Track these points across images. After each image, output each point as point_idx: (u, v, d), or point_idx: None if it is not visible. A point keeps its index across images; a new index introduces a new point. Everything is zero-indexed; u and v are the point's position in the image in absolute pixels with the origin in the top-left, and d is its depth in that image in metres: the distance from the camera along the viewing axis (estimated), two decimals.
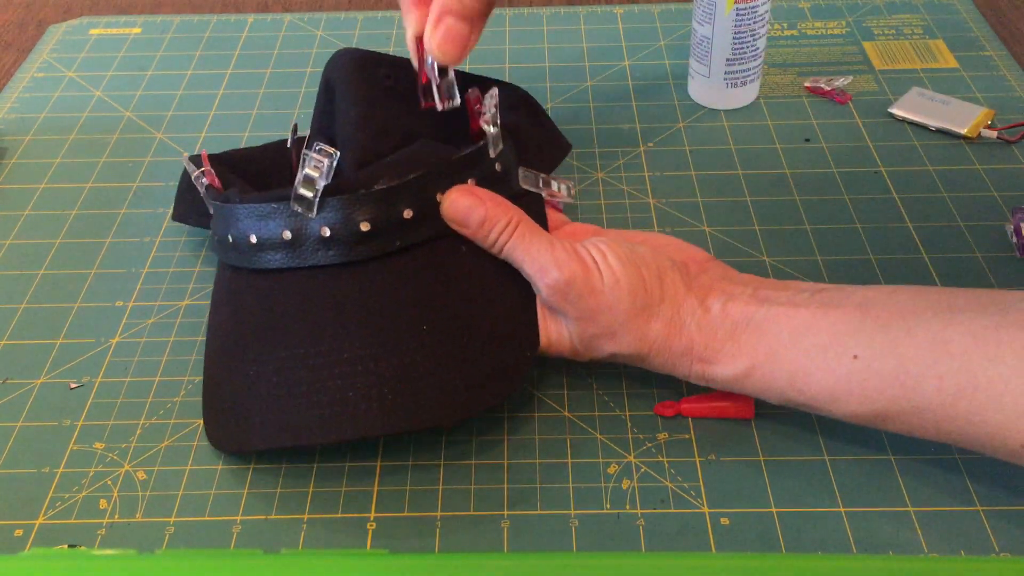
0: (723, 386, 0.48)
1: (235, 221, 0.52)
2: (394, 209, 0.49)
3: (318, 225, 0.49)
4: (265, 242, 0.51)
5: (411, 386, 0.46)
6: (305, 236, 0.50)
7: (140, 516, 0.47)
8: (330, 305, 0.49)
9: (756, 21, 0.68)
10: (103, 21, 0.86)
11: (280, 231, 0.50)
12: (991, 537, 0.44)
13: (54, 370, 0.54)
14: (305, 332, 0.49)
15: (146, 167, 0.69)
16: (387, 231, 0.49)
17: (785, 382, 0.45)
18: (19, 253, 0.62)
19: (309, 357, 0.48)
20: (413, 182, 0.49)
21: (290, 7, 0.88)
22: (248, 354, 0.49)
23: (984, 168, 0.65)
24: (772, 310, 0.46)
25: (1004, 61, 0.75)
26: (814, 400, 0.45)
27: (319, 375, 0.47)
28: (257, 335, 0.50)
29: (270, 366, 0.48)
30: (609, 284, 0.47)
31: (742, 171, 0.66)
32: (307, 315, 0.49)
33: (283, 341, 0.49)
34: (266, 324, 0.50)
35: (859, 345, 0.43)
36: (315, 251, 0.50)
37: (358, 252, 0.49)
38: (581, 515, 0.46)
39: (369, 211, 0.49)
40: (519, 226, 0.49)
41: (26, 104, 0.76)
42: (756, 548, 0.44)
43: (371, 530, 0.46)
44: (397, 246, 0.50)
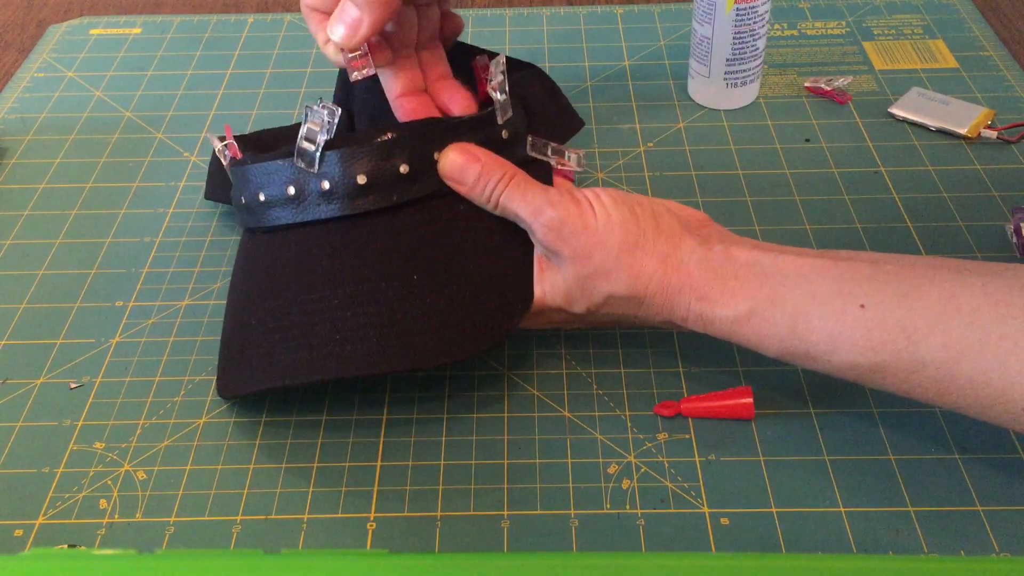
0: (722, 330, 0.47)
1: (247, 182, 0.54)
2: (390, 163, 0.51)
3: (319, 179, 0.51)
4: (272, 199, 0.53)
5: (396, 330, 0.48)
6: (307, 191, 0.52)
7: (140, 516, 0.47)
8: (326, 255, 0.51)
9: (756, 21, 0.68)
10: (103, 21, 0.86)
11: (285, 187, 0.52)
12: (991, 537, 0.44)
13: (54, 370, 0.54)
14: (302, 281, 0.51)
15: (146, 167, 0.69)
16: (384, 185, 0.51)
17: (786, 327, 0.45)
18: (19, 253, 0.62)
19: (304, 303, 0.50)
20: (410, 137, 0.51)
21: (290, 7, 0.88)
22: (250, 305, 0.52)
23: (984, 168, 0.65)
24: (778, 257, 0.46)
25: (1004, 61, 0.75)
26: (814, 347, 0.44)
27: (310, 319, 0.49)
28: (260, 287, 0.52)
29: (268, 314, 0.51)
30: (602, 220, 0.48)
31: (742, 171, 0.66)
32: (304, 265, 0.51)
33: (281, 290, 0.51)
34: (268, 276, 0.52)
35: (867, 295, 0.43)
36: (316, 205, 0.52)
37: (356, 206, 0.51)
38: (581, 515, 0.46)
39: (366, 164, 0.51)
40: (514, 177, 0.50)
41: (26, 104, 0.76)
42: (756, 548, 0.44)
43: (371, 530, 0.46)
44: (395, 200, 0.51)
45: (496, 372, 0.53)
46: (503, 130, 0.53)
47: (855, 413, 0.50)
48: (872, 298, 0.43)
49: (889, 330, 0.42)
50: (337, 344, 0.48)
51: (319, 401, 0.52)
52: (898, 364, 0.42)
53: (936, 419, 0.50)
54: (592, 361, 0.53)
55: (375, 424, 0.51)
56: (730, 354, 0.53)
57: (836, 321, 0.43)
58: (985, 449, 0.48)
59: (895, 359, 0.42)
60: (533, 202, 0.49)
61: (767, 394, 0.51)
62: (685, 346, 0.54)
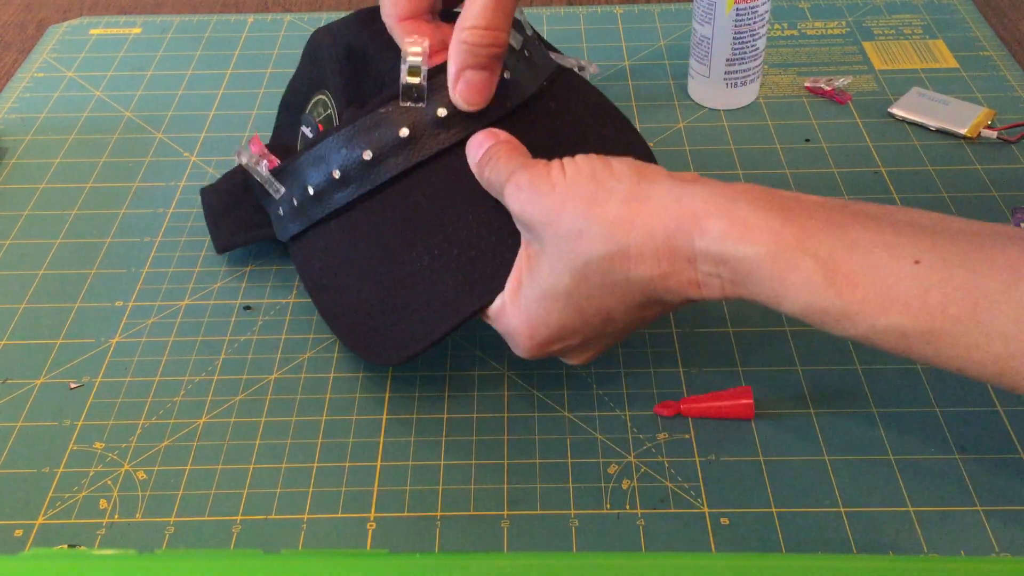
0: (738, 273, 0.39)
1: (337, 151, 0.51)
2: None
3: (433, 109, 0.50)
4: (383, 151, 0.51)
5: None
6: (422, 126, 0.50)
7: (140, 516, 0.47)
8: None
9: (756, 21, 0.68)
10: (103, 21, 0.86)
11: (396, 131, 0.50)
12: (991, 537, 0.44)
13: (54, 370, 0.54)
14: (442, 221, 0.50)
15: (146, 167, 0.69)
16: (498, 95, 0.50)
17: (820, 278, 0.37)
18: (19, 253, 0.62)
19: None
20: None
21: (290, 7, 0.89)
22: (400, 261, 0.50)
23: (984, 168, 0.65)
24: (800, 201, 0.39)
25: (1004, 61, 0.75)
26: (857, 306, 0.37)
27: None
28: (407, 239, 0.50)
29: (424, 260, 0.49)
30: (570, 174, 0.43)
31: (742, 171, 0.66)
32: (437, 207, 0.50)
33: (425, 236, 0.50)
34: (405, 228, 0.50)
35: (922, 249, 0.36)
36: (434, 136, 0.50)
37: (476, 122, 0.50)
38: (581, 515, 0.46)
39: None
40: (506, 143, 0.47)
41: (26, 104, 0.76)
42: (756, 548, 0.44)
43: (371, 530, 0.46)
44: (508, 107, 0.50)
45: (496, 372, 0.53)
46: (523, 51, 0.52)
47: (855, 413, 0.50)
48: (929, 254, 0.36)
49: (950, 292, 0.35)
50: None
51: (319, 401, 0.52)
52: (959, 333, 0.36)
53: (936, 419, 0.50)
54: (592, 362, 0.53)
55: (375, 424, 0.51)
56: (730, 354, 0.53)
57: (885, 276, 0.36)
58: (985, 449, 0.48)
59: (955, 327, 0.35)
60: (509, 166, 0.46)
61: (767, 394, 0.51)
62: (685, 346, 0.54)
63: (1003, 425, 0.49)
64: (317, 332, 0.56)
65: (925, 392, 0.51)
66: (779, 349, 0.54)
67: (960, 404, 0.50)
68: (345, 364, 0.54)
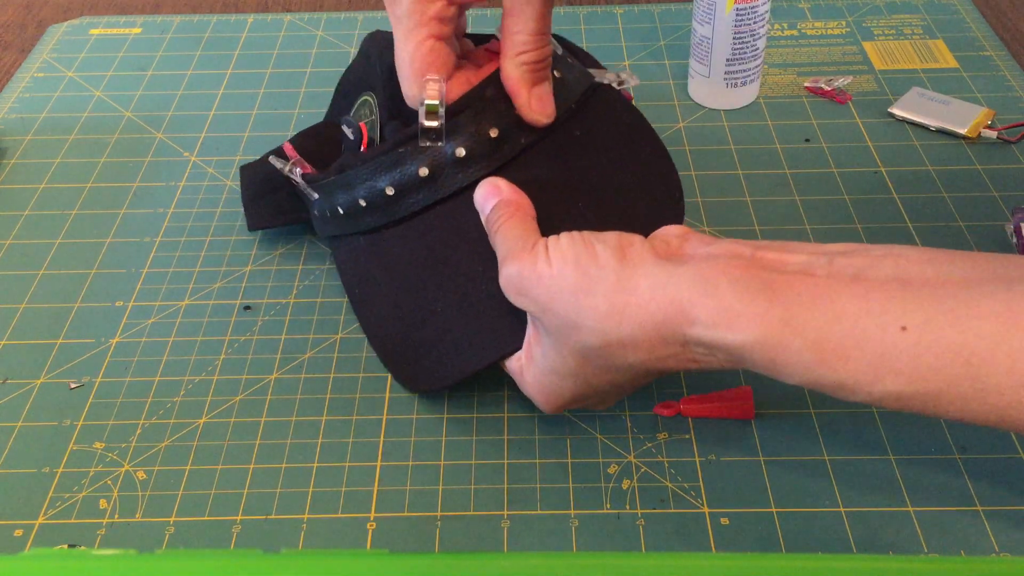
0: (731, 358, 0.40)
1: (362, 183, 0.53)
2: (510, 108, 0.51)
3: (451, 149, 0.50)
4: (404, 187, 0.52)
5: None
6: (442, 166, 0.51)
7: (140, 516, 0.47)
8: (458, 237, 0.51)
9: (756, 21, 0.68)
10: (103, 21, 0.86)
11: (417, 170, 0.51)
12: (991, 537, 0.44)
13: (54, 370, 0.54)
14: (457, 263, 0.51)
15: (146, 167, 0.69)
16: (514, 131, 0.51)
17: (811, 356, 0.37)
18: (19, 253, 0.62)
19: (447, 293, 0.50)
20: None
21: (290, 7, 0.88)
22: (417, 299, 0.51)
23: (984, 168, 0.65)
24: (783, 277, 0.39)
25: (1004, 61, 0.75)
26: (850, 379, 0.37)
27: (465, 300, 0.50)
28: (422, 278, 0.51)
29: (438, 304, 0.50)
30: (556, 264, 0.43)
31: (742, 171, 0.66)
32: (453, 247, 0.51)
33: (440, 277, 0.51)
34: (423, 266, 0.51)
35: (907, 316, 0.36)
36: (454, 176, 0.51)
37: (494, 161, 0.51)
38: (581, 515, 0.46)
39: (493, 116, 0.51)
40: (512, 216, 0.47)
41: (26, 104, 0.76)
42: (756, 548, 0.44)
43: (371, 530, 0.46)
44: (523, 143, 0.51)
45: (496, 372, 0.53)
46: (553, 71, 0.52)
47: (855, 413, 0.50)
48: (913, 318, 0.36)
49: (941, 354, 0.36)
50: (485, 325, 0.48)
51: (319, 401, 0.52)
52: (953, 392, 0.36)
53: (936, 419, 0.50)
54: None
55: (375, 424, 0.51)
56: None
57: (873, 346, 0.37)
58: (985, 449, 0.48)
59: (949, 387, 0.36)
60: (503, 247, 0.46)
61: (767, 394, 0.51)
62: None
63: None
64: (317, 332, 0.56)
65: None
66: None
67: None
68: (345, 364, 0.54)
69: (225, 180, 0.67)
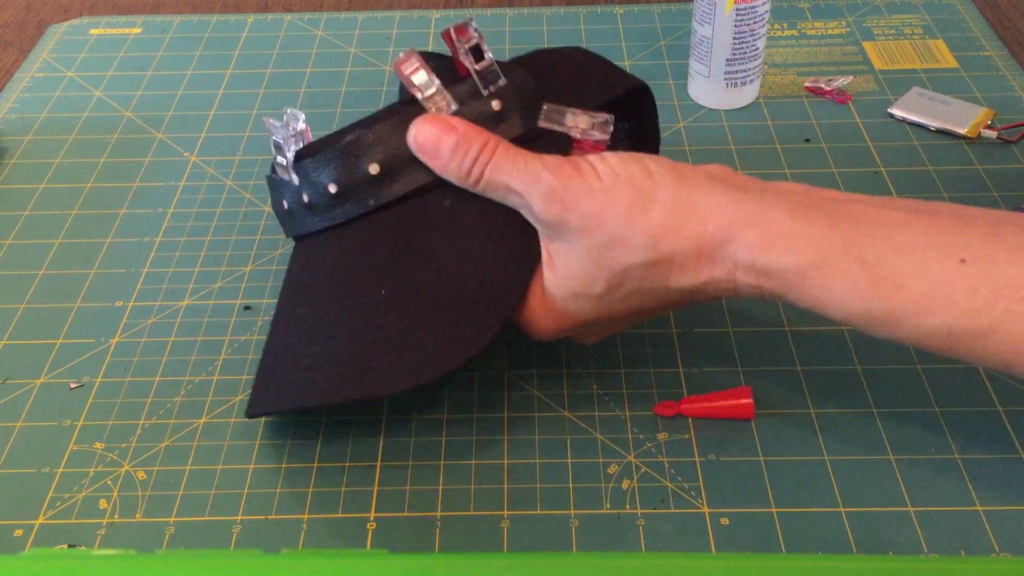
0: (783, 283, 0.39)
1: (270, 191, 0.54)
2: (357, 166, 0.47)
3: (299, 192, 0.50)
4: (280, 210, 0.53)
5: (360, 351, 0.46)
6: (295, 205, 0.51)
7: (140, 516, 0.47)
8: (312, 269, 0.50)
9: (756, 21, 0.68)
10: (103, 21, 0.86)
11: (281, 201, 0.52)
12: (991, 537, 0.44)
13: (54, 370, 0.54)
14: (294, 300, 0.50)
15: (146, 167, 0.69)
16: (356, 190, 0.48)
17: (866, 283, 0.37)
18: (19, 253, 0.62)
19: (291, 323, 0.49)
20: (376, 133, 0.47)
21: (290, 7, 0.89)
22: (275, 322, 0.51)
23: (984, 168, 0.65)
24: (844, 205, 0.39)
25: (1004, 61, 0.75)
26: (901, 308, 0.37)
27: (289, 341, 0.48)
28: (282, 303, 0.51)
29: (275, 336, 0.50)
30: (607, 179, 0.41)
31: (742, 171, 0.66)
32: (301, 280, 0.50)
33: (288, 307, 0.50)
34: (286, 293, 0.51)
35: (966, 248, 0.36)
36: (305, 218, 0.51)
37: (335, 215, 0.49)
38: (581, 515, 0.46)
39: (333, 171, 0.48)
40: (500, 144, 0.44)
41: (26, 104, 0.76)
42: (756, 548, 0.44)
43: (371, 530, 0.46)
44: (372, 205, 0.48)
45: (496, 372, 0.53)
46: (492, 100, 0.47)
47: (855, 413, 0.50)
48: (972, 252, 0.36)
49: (997, 289, 0.35)
50: (301, 371, 0.47)
51: None
52: (1008, 329, 0.36)
53: (936, 419, 0.50)
54: (592, 361, 0.53)
55: (375, 424, 0.51)
56: (730, 354, 0.53)
57: (931, 277, 0.36)
58: (985, 449, 0.48)
59: (1004, 323, 0.36)
60: (527, 169, 0.43)
61: (767, 394, 0.51)
62: (685, 346, 0.54)
63: (1003, 425, 0.49)
64: None
65: (925, 392, 0.51)
66: (779, 349, 0.54)
67: (960, 404, 0.50)
68: None
69: (225, 180, 0.67)
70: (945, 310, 0.36)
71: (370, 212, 0.49)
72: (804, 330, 0.54)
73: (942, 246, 0.37)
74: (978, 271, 0.36)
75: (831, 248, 0.37)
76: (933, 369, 0.52)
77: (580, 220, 0.42)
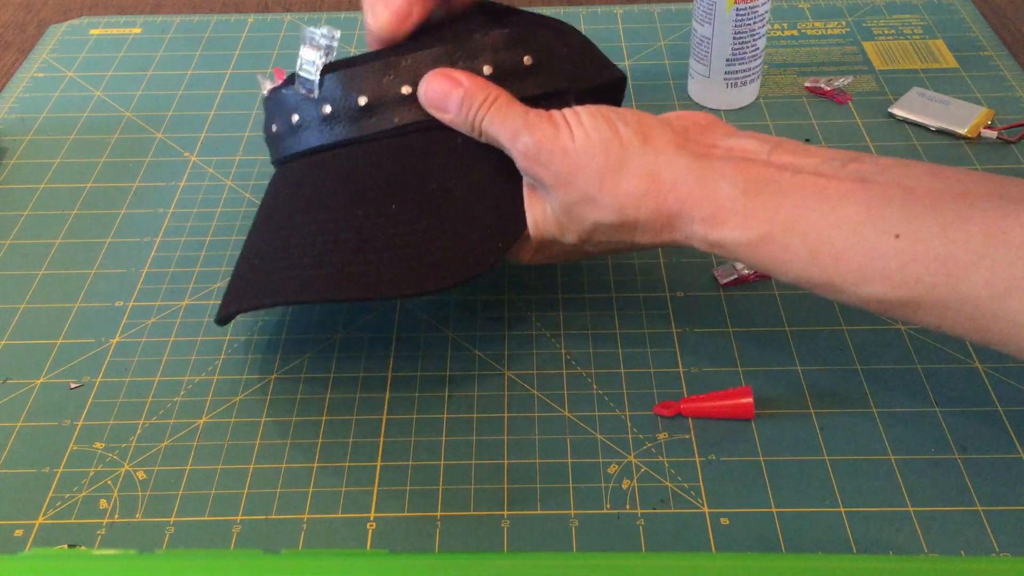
0: (732, 253, 0.43)
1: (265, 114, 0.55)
2: (392, 83, 0.50)
3: (319, 104, 0.51)
4: (281, 130, 0.53)
5: (367, 257, 0.48)
6: (308, 118, 0.52)
7: (140, 516, 0.47)
8: (313, 183, 0.51)
9: (756, 21, 0.68)
10: (103, 21, 0.86)
11: (289, 116, 0.53)
12: (991, 537, 0.44)
13: (54, 370, 0.54)
14: (291, 208, 0.51)
15: (146, 167, 0.69)
16: (386, 105, 0.50)
17: (807, 255, 0.41)
18: (19, 253, 0.62)
19: (284, 229, 0.50)
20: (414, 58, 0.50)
21: (290, 7, 0.89)
22: (251, 236, 0.52)
23: (984, 168, 0.65)
24: (796, 177, 0.42)
25: (1004, 61, 0.75)
26: (839, 278, 0.40)
27: (288, 244, 0.49)
28: (260, 219, 0.53)
29: (258, 244, 0.51)
30: (580, 142, 0.45)
31: None
32: (298, 194, 0.52)
33: (274, 218, 0.52)
34: (268, 208, 0.53)
35: (902, 223, 0.39)
36: (318, 131, 0.52)
37: (360, 127, 0.51)
38: (581, 515, 0.46)
39: (368, 84, 0.50)
40: (498, 99, 0.48)
41: (26, 104, 0.76)
42: (756, 548, 0.44)
43: (371, 530, 0.46)
44: (397, 122, 0.51)
45: (496, 372, 0.53)
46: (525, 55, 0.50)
47: (855, 413, 0.50)
48: (907, 226, 0.39)
49: (927, 263, 0.39)
50: (307, 269, 0.48)
51: (319, 401, 0.52)
52: (934, 300, 0.39)
53: (936, 419, 0.50)
54: (592, 361, 0.53)
55: (375, 424, 0.51)
56: (730, 354, 0.53)
57: (866, 251, 0.40)
58: (985, 449, 0.48)
59: (931, 294, 0.39)
60: (512, 125, 0.46)
61: (767, 394, 0.51)
62: (685, 346, 0.54)
63: (1003, 425, 0.49)
64: (317, 332, 0.56)
65: (925, 392, 0.51)
66: (779, 349, 0.54)
67: (960, 404, 0.50)
68: (345, 364, 0.54)
69: (225, 180, 0.67)
70: (879, 281, 0.40)
71: (389, 132, 0.50)
72: (804, 330, 0.54)
73: (879, 219, 0.40)
74: (911, 245, 0.39)
75: (776, 225, 0.41)
76: (933, 369, 0.52)
77: (554, 179, 0.45)
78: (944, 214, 0.39)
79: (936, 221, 0.39)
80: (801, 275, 0.42)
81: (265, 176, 0.67)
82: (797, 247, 0.41)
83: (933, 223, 0.39)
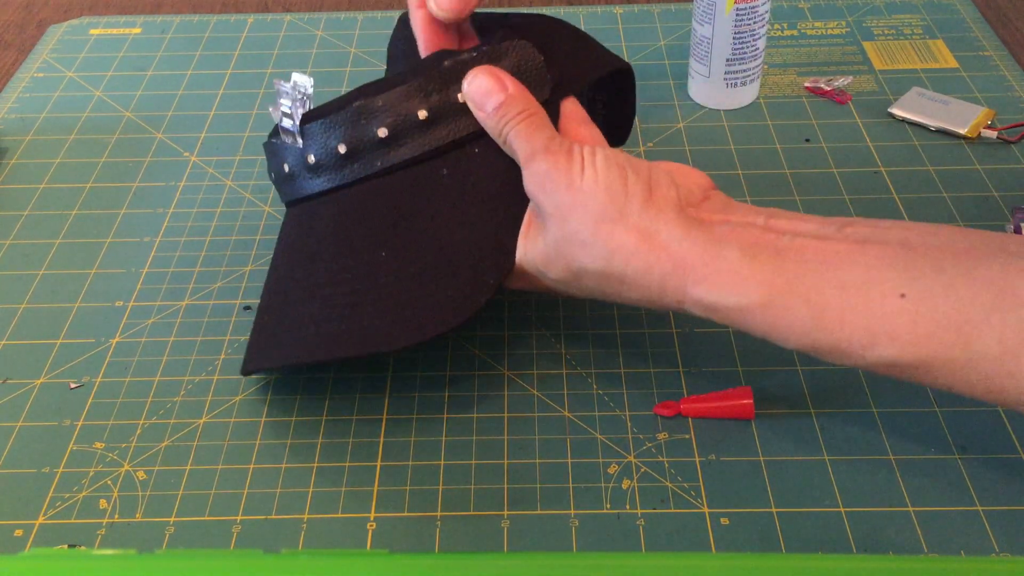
0: (728, 318, 0.42)
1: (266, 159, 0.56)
2: (368, 129, 0.50)
3: (304, 153, 0.51)
4: (277, 178, 0.54)
5: (361, 310, 0.48)
6: (298, 167, 0.52)
7: (140, 516, 0.47)
8: (308, 233, 0.52)
9: (756, 21, 0.68)
10: (103, 21, 0.86)
11: (282, 165, 0.53)
12: (991, 537, 0.44)
13: (54, 370, 0.54)
14: (291, 259, 0.52)
15: (146, 167, 0.69)
16: (365, 152, 0.50)
17: (810, 320, 0.39)
18: (19, 253, 0.62)
19: (287, 281, 0.51)
20: (389, 96, 0.49)
21: (290, 7, 0.88)
22: (266, 283, 0.54)
23: (984, 168, 0.65)
24: (794, 240, 0.41)
25: (1004, 61, 0.75)
26: (845, 343, 0.39)
27: (288, 300, 0.50)
28: (273, 264, 0.54)
29: (267, 297, 0.52)
30: (588, 180, 0.44)
31: (742, 171, 0.66)
32: (297, 243, 0.52)
33: (280, 269, 0.52)
34: (277, 253, 0.54)
35: (907, 282, 0.38)
36: (307, 179, 0.52)
37: (343, 176, 0.51)
38: (581, 515, 0.46)
39: (343, 132, 0.50)
40: (532, 116, 0.47)
41: (26, 104, 0.76)
42: (756, 548, 0.44)
43: (371, 530, 0.46)
44: (379, 167, 0.50)
45: (496, 372, 0.53)
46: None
47: (855, 413, 0.50)
48: (913, 286, 0.38)
49: (938, 322, 0.37)
50: (301, 328, 0.49)
51: (319, 401, 0.52)
52: (946, 360, 0.38)
53: (936, 419, 0.50)
54: (592, 361, 0.53)
55: (375, 424, 0.51)
56: (730, 354, 0.53)
57: (872, 314, 0.39)
58: (985, 449, 0.48)
59: (944, 354, 0.38)
60: (533, 145, 0.46)
61: (767, 394, 0.51)
62: (685, 346, 0.54)
63: (1003, 425, 0.49)
64: None
65: (925, 392, 0.51)
66: (779, 349, 0.53)
67: (960, 404, 0.50)
68: (345, 363, 0.54)
69: (225, 180, 0.67)
70: (888, 343, 0.39)
71: (373, 176, 0.50)
72: None
73: (885, 280, 0.39)
74: (917, 305, 0.38)
75: (777, 288, 0.40)
76: None
77: (553, 208, 0.45)
78: (949, 272, 0.38)
79: (941, 279, 0.38)
80: (804, 340, 0.40)
81: (265, 176, 0.67)
82: (800, 310, 0.40)
83: (939, 281, 0.38)
